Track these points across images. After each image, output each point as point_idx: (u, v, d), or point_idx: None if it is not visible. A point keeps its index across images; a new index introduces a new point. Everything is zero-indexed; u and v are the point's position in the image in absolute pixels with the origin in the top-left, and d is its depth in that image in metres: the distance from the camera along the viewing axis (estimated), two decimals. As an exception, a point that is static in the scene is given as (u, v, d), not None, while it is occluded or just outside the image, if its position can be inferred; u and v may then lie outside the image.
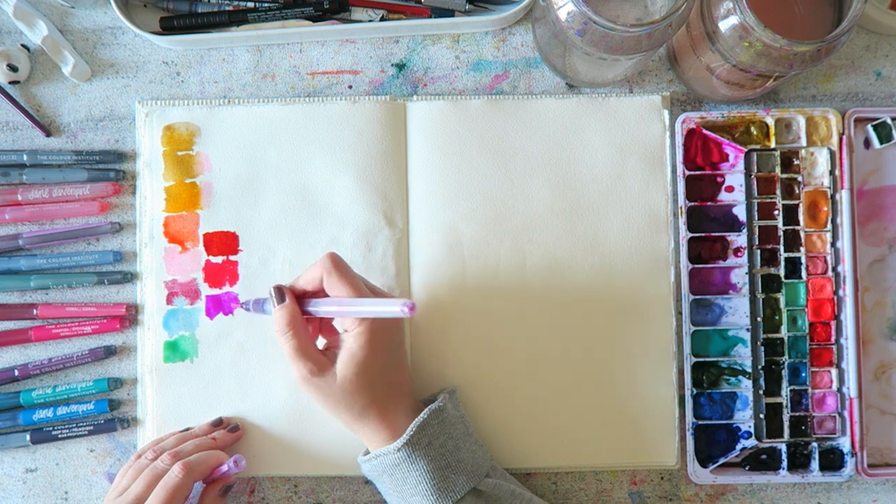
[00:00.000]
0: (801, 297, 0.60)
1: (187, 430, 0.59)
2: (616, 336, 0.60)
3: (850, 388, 0.59)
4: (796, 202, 0.61)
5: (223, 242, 0.61)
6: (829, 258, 0.60)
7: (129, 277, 0.61)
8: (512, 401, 0.60)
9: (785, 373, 0.60)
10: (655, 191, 0.61)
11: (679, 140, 0.61)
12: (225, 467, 0.55)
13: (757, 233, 0.61)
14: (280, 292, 0.52)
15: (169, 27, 0.62)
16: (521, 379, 0.60)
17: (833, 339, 0.60)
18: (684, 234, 0.60)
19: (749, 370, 0.60)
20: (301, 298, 0.53)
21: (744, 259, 0.61)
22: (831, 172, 0.60)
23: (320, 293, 0.52)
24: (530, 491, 0.61)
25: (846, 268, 0.60)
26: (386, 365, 0.52)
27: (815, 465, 0.59)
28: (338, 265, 0.51)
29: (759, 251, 0.61)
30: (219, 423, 0.59)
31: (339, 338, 0.52)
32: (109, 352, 0.61)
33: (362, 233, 0.60)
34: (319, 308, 0.51)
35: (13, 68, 0.61)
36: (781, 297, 0.60)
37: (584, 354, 0.60)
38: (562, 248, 0.61)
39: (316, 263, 0.51)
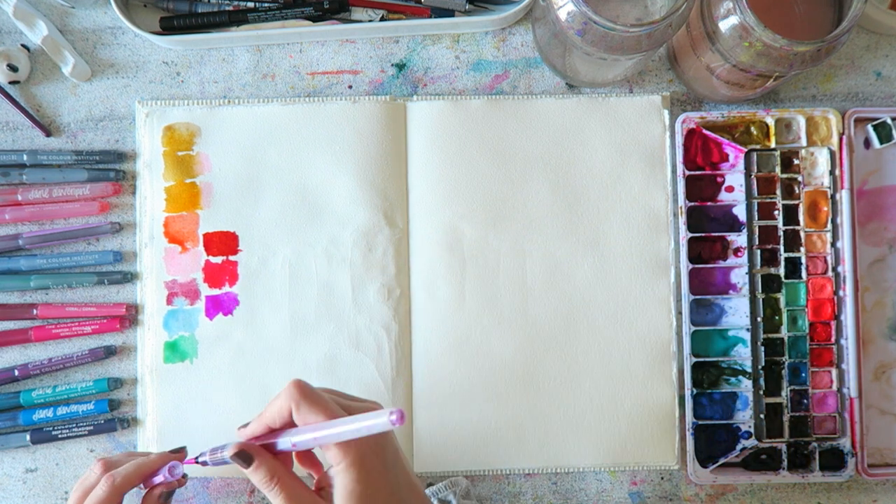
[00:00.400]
0: (801, 297, 0.60)
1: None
2: (616, 336, 0.60)
3: (850, 388, 0.59)
4: (796, 202, 0.61)
5: (223, 242, 0.61)
6: (829, 258, 0.60)
7: (129, 277, 0.61)
8: (512, 401, 0.60)
9: (785, 373, 0.60)
10: (655, 191, 0.61)
11: (679, 140, 0.61)
12: (160, 477, 0.52)
13: (757, 233, 0.61)
14: (244, 456, 0.45)
15: (169, 27, 0.62)
16: (520, 378, 0.60)
17: (833, 339, 0.60)
18: (684, 234, 0.60)
19: (749, 370, 0.60)
20: (277, 434, 0.46)
21: (744, 259, 0.61)
22: (831, 172, 0.60)
23: (290, 426, 0.46)
24: (531, 492, 0.61)
25: (846, 268, 0.60)
26: (391, 488, 0.45)
27: (815, 465, 0.59)
28: (306, 394, 0.44)
29: (759, 251, 0.61)
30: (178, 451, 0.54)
31: (328, 475, 0.46)
32: (109, 352, 0.61)
33: (362, 233, 0.60)
34: (294, 439, 0.45)
35: (13, 68, 0.61)
36: (781, 297, 0.60)
37: (583, 354, 0.60)
38: (562, 248, 0.61)
39: (281, 394, 0.45)
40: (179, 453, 0.54)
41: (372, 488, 0.44)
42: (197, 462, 0.49)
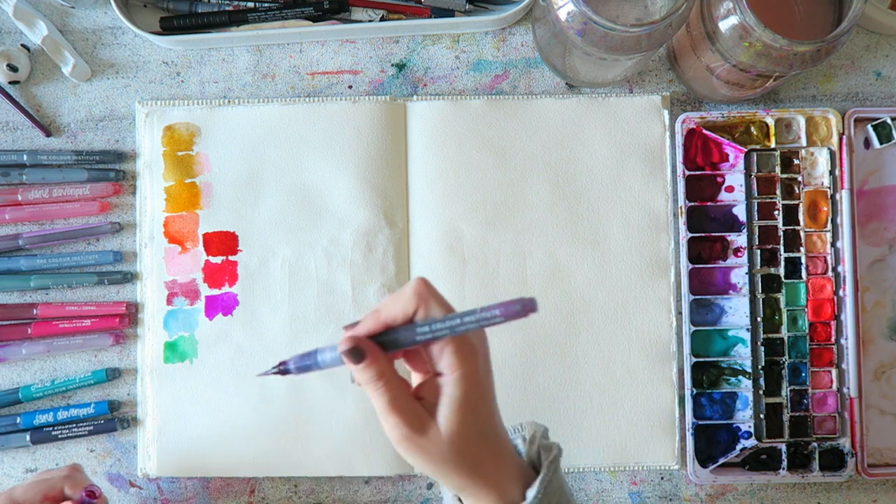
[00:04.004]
0: (801, 297, 0.60)
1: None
2: (616, 336, 0.60)
3: (850, 388, 0.59)
4: (796, 202, 0.61)
5: (223, 242, 0.61)
6: (829, 258, 0.60)
7: (129, 277, 0.61)
8: (511, 401, 0.60)
9: (785, 373, 0.60)
10: (655, 191, 0.61)
11: (679, 140, 0.61)
12: (83, 495, 0.51)
13: (757, 233, 0.61)
14: (357, 353, 0.41)
15: (169, 27, 0.62)
16: (520, 379, 0.60)
17: (833, 339, 0.60)
18: (684, 234, 0.60)
19: (749, 370, 0.60)
20: (391, 332, 0.43)
21: (744, 259, 0.61)
22: (831, 172, 0.60)
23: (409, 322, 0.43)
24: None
25: (846, 268, 0.60)
26: (493, 406, 0.44)
27: (815, 465, 0.59)
28: (433, 292, 0.42)
29: (759, 251, 0.61)
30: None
31: (435, 383, 0.43)
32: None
33: (362, 233, 0.60)
34: (432, 328, 0.41)
35: (13, 68, 0.61)
36: (781, 297, 0.60)
37: (583, 354, 0.60)
38: (562, 248, 0.61)
39: (404, 292, 0.42)
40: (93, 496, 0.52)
41: (478, 405, 0.42)
42: (275, 372, 0.45)
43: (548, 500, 0.44)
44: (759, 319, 0.60)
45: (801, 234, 0.60)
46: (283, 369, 0.45)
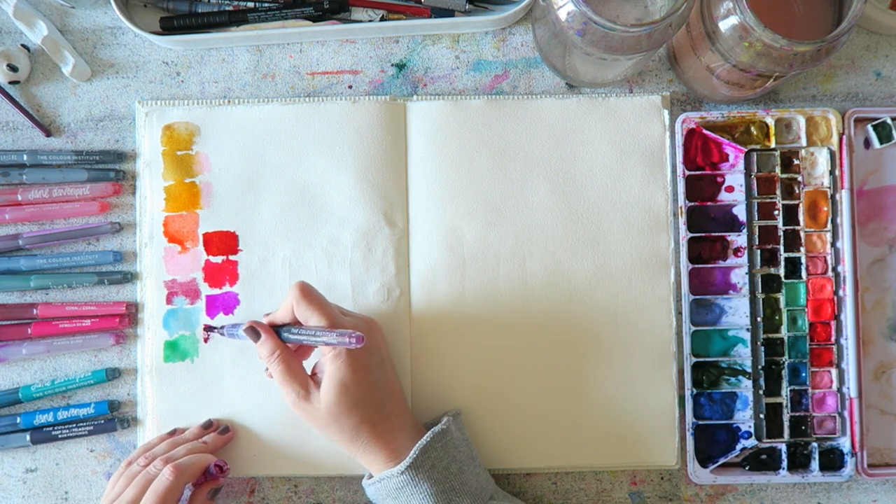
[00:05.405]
0: (801, 297, 0.60)
1: (174, 431, 0.59)
2: (616, 336, 0.60)
3: (850, 388, 0.59)
4: (796, 202, 0.61)
5: (223, 242, 0.61)
6: (829, 258, 0.60)
7: (129, 277, 0.61)
8: (512, 400, 0.60)
9: (785, 373, 0.60)
10: (655, 191, 0.61)
11: (679, 140, 0.61)
12: (213, 469, 0.55)
13: (757, 233, 0.61)
14: (253, 331, 0.54)
15: (169, 27, 0.62)
16: (520, 379, 0.60)
17: (833, 339, 0.60)
18: (684, 234, 0.60)
19: (749, 370, 0.60)
20: (282, 327, 0.54)
21: (744, 259, 0.61)
22: (831, 172, 0.60)
23: (297, 321, 0.54)
24: (531, 492, 0.61)
25: (846, 268, 0.60)
26: (370, 384, 0.53)
27: (815, 465, 0.59)
28: (305, 294, 0.52)
29: (759, 251, 0.61)
30: (209, 426, 0.59)
31: (321, 362, 0.53)
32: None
33: (362, 233, 0.60)
34: (288, 337, 0.53)
35: (13, 68, 0.61)
36: (781, 297, 0.60)
37: (584, 354, 0.60)
38: (562, 248, 0.61)
39: (285, 300, 0.53)
40: (226, 432, 0.59)
41: (352, 378, 0.52)
42: (217, 331, 0.59)
43: (431, 462, 0.52)
44: (759, 319, 0.60)
45: (801, 234, 0.60)
46: (220, 332, 0.58)
